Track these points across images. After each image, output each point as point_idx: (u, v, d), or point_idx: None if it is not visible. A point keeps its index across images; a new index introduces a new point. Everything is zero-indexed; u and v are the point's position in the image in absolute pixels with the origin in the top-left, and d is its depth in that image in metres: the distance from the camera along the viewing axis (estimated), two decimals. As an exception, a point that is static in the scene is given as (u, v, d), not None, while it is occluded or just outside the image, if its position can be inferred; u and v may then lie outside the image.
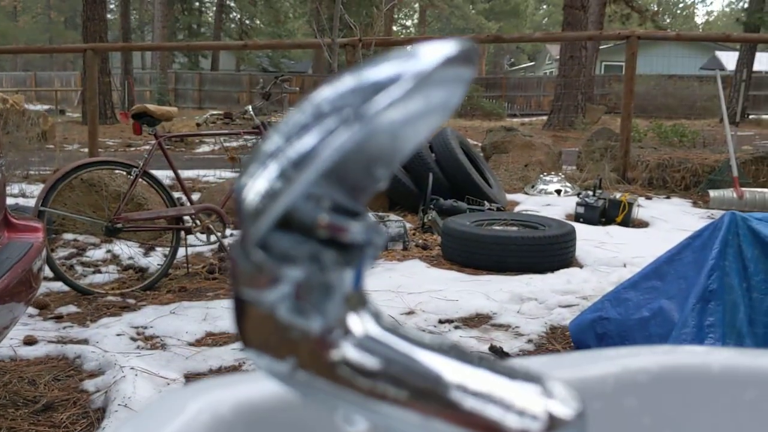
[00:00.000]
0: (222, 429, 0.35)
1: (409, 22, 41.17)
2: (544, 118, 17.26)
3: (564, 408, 0.23)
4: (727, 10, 37.65)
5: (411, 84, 0.21)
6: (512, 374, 0.24)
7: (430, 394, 0.23)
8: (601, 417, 0.38)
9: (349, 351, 0.24)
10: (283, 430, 0.36)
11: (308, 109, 0.23)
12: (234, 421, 0.35)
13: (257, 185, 0.23)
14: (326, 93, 0.23)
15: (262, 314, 0.24)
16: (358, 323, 0.24)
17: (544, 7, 37.22)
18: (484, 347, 2.59)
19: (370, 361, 0.24)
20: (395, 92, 0.21)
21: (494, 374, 0.24)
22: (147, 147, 4.74)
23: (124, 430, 0.34)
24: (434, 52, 0.22)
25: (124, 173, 3.78)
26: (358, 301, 0.25)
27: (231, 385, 0.37)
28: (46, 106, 19.01)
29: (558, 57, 16.68)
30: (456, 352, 0.24)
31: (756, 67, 19.06)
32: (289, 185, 0.22)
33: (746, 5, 19.76)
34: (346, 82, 0.23)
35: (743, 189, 5.61)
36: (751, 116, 19.11)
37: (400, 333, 0.25)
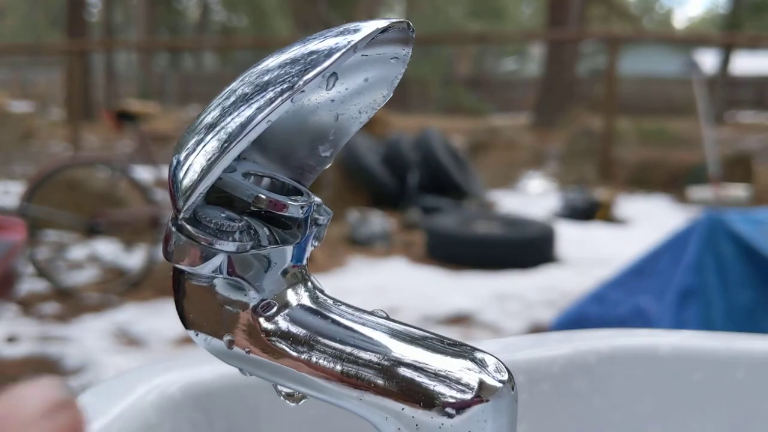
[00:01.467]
0: (170, 407, 0.35)
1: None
2: (528, 117, 17.36)
3: (494, 378, 0.23)
4: (707, 17, 38.08)
5: (343, 55, 0.21)
6: (446, 348, 0.24)
7: (364, 366, 0.23)
8: (551, 397, 0.39)
9: (283, 324, 0.24)
10: (229, 409, 0.37)
11: (248, 80, 0.23)
12: (182, 400, 0.35)
13: (190, 159, 0.22)
14: (268, 62, 0.23)
15: (199, 290, 0.24)
16: (295, 298, 0.25)
17: (527, 11, 37.48)
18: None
19: (303, 334, 0.24)
20: (327, 62, 0.21)
21: (429, 348, 0.24)
22: (129, 145, 4.73)
23: None
24: (370, 26, 0.22)
25: (107, 171, 3.77)
26: (298, 277, 0.25)
27: (180, 366, 0.37)
28: (29, 105, 18.83)
29: (540, 57, 16.78)
30: (392, 327, 0.25)
31: (739, 68, 19.29)
32: (220, 157, 0.22)
33: (724, 11, 20.00)
34: (291, 52, 0.23)
35: (722, 187, 5.69)
36: (731, 117, 19.34)
37: (338, 308, 0.25)
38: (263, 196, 0.24)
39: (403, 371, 0.23)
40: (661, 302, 2.25)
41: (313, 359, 0.23)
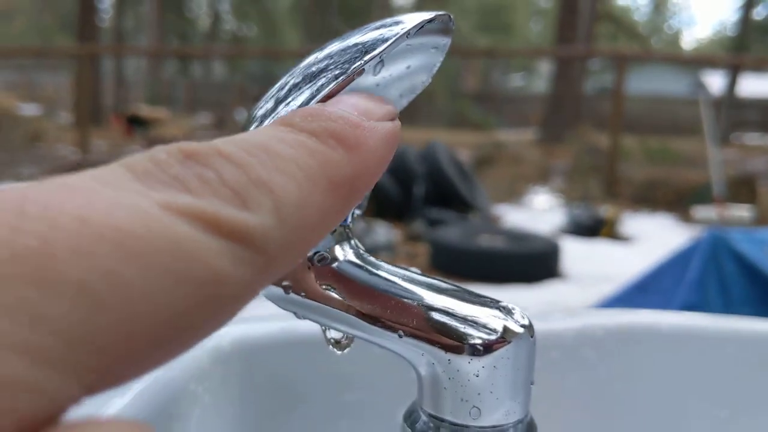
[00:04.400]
0: (221, 357, 0.40)
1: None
2: (534, 132, 17.40)
3: (516, 324, 0.27)
4: (715, 39, 38.14)
5: (397, 39, 0.23)
6: (475, 299, 0.27)
7: (402, 310, 0.26)
8: (560, 365, 0.43)
9: (334, 273, 0.27)
10: (272, 363, 0.41)
11: (298, 72, 0.24)
12: (231, 352, 0.40)
13: None
14: (314, 56, 0.25)
15: None
16: (341, 253, 0.27)
17: (536, 28, 37.57)
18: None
19: (351, 282, 0.27)
20: (377, 50, 0.23)
21: (460, 298, 0.27)
22: (137, 150, 4.77)
23: None
24: (414, 18, 0.24)
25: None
26: (344, 235, 0.28)
27: (233, 322, 0.42)
28: (38, 108, 18.92)
29: (548, 73, 16.85)
30: (426, 280, 0.28)
31: (745, 90, 19.34)
32: None
33: (732, 33, 20.06)
34: (333, 46, 0.24)
35: (726, 207, 5.71)
36: (737, 138, 19.36)
37: (378, 263, 0.28)
38: None
39: (437, 315, 0.26)
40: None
41: (359, 303, 0.26)
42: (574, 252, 4.30)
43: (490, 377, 0.26)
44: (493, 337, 0.26)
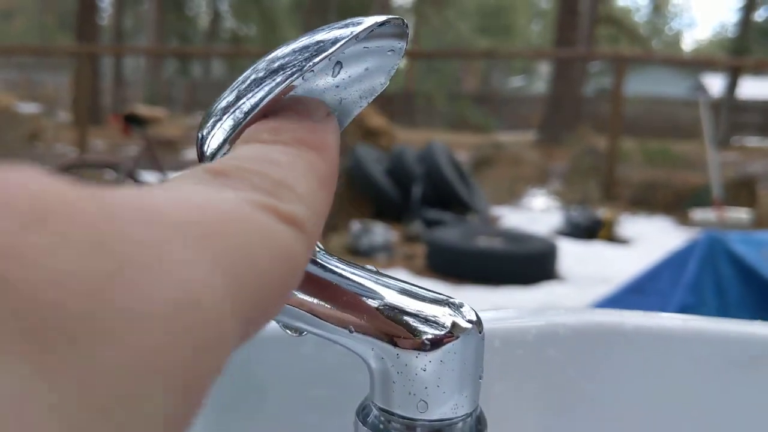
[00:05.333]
0: None
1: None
2: (534, 133, 17.41)
3: (464, 320, 0.27)
4: (715, 40, 38.16)
5: (346, 43, 0.24)
6: (426, 295, 0.28)
7: (353, 306, 0.27)
8: (522, 363, 0.44)
9: None
10: (236, 357, 0.41)
11: (261, 67, 0.25)
12: None
13: (213, 132, 0.25)
14: (281, 50, 0.25)
15: None
16: None
17: (536, 31, 37.61)
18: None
19: (304, 277, 0.27)
20: (333, 48, 0.24)
21: (411, 295, 0.28)
22: (136, 149, 4.76)
23: None
24: (370, 20, 0.25)
25: (112, 175, 3.79)
26: None
27: None
28: (37, 107, 18.92)
29: (548, 75, 16.86)
30: (380, 278, 0.28)
31: (745, 92, 19.35)
32: (234, 131, 0.25)
33: (732, 34, 20.09)
34: (300, 42, 0.25)
35: (724, 210, 5.71)
36: (734, 141, 19.37)
37: (333, 260, 0.29)
38: None
39: (387, 311, 0.27)
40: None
41: (311, 299, 0.27)
42: (572, 254, 4.30)
43: (437, 371, 0.27)
44: (440, 332, 0.27)
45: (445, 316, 0.27)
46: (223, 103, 0.26)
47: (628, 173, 7.02)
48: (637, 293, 2.38)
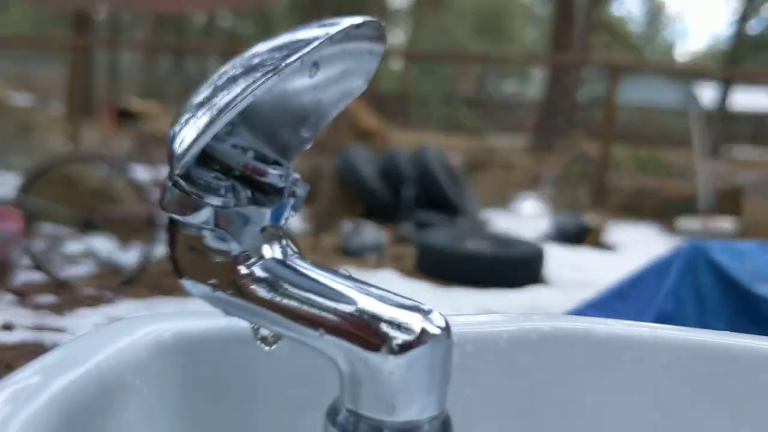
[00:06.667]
0: (163, 351, 0.40)
1: (396, 41, 41.40)
2: (526, 138, 17.46)
3: (434, 326, 0.28)
4: (708, 53, 38.32)
5: (321, 44, 0.25)
6: (398, 301, 0.29)
7: (325, 309, 0.28)
8: (495, 367, 0.44)
9: (258, 272, 0.28)
10: (214, 356, 0.42)
11: (239, 63, 0.26)
12: (173, 346, 0.41)
13: (185, 130, 0.26)
14: (261, 47, 0.26)
15: (189, 239, 0.28)
16: (270, 252, 0.29)
17: (532, 36, 37.66)
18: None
19: (275, 281, 0.28)
20: (307, 49, 0.25)
21: (383, 300, 0.29)
22: (128, 144, 4.79)
23: (72, 345, 0.38)
24: (346, 21, 0.25)
25: (104, 169, 3.81)
26: (274, 235, 0.29)
27: (173, 318, 0.43)
28: (30, 98, 18.83)
29: (542, 80, 16.93)
30: (352, 282, 0.29)
31: (738, 103, 19.47)
32: (211, 124, 0.26)
33: (726, 47, 20.21)
34: (279, 39, 0.26)
35: (710, 219, 5.77)
36: (727, 151, 19.49)
37: (306, 263, 0.29)
38: (248, 163, 0.28)
39: (358, 315, 0.28)
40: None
41: (283, 302, 0.28)
42: (558, 259, 4.34)
43: (406, 375, 0.28)
44: (410, 337, 0.27)
45: (414, 321, 0.28)
46: (200, 98, 0.26)
47: (619, 180, 7.08)
48: (619, 299, 2.42)
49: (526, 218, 6.06)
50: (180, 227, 0.28)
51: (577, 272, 4.10)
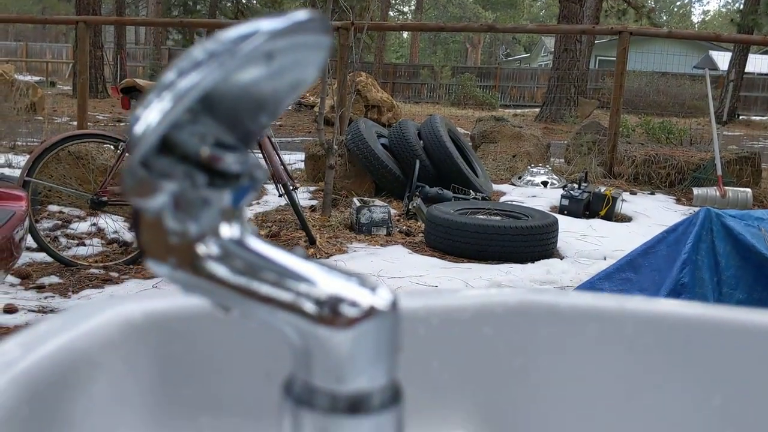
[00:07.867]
0: (133, 331, 0.42)
1: (406, 8, 41.03)
2: (537, 109, 17.30)
3: (382, 301, 0.30)
4: (723, 10, 37.63)
5: (273, 36, 0.27)
6: (349, 278, 0.30)
7: (276, 285, 0.29)
8: (460, 340, 0.46)
9: (214, 252, 0.30)
10: (184, 335, 0.44)
11: (202, 48, 0.28)
12: (143, 325, 0.43)
13: (147, 114, 0.27)
14: (221, 35, 0.28)
15: (150, 222, 0.30)
16: (228, 233, 0.30)
17: (541, 2, 37.16)
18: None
19: (231, 260, 0.30)
20: (257, 40, 0.27)
21: (334, 276, 0.30)
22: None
23: (42, 325, 0.40)
24: (293, 16, 0.28)
25: (112, 147, 3.78)
26: (233, 216, 0.31)
27: (143, 298, 0.45)
28: (36, 78, 18.85)
29: (552, 49, 16.71)
30: (305, 261, 0.31)
31: (749, 68, 19.14)
32: (170, 112, 0.27)
33: (741, 6, 19.80)
34: (238, 30, 0.28)
35: (726, 188, 5.67)
36: (741, 117, 19.23)
37: (261, 243, 0.31)
38: (206, 150, 0.30)
39: (308, 291, 0.30)
40: (656, 296, 2.25)
41: (237, 279, 0.30)
42: (571, 230, 4.28)
43: (354, 347, 0.30)
44: (357, 312, 0.29)
45: (362, 296, 0.30)
46: (166, 80, 0.27)
47: (631, 150, 6.97)
48: (633, 270, 2.37)
49: (537, 190, 5.99)
50: (142, 211, 0.30)
51: (590, 244, 4.04)
